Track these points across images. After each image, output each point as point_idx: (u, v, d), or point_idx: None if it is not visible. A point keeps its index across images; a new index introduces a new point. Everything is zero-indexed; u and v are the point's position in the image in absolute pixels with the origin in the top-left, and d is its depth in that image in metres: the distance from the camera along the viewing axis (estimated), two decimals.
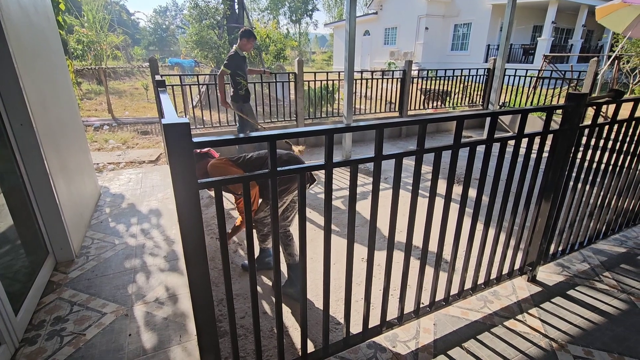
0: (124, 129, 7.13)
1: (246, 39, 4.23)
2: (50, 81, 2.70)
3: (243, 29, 4.33)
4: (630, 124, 2.17)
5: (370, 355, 1.72)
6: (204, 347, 1.25)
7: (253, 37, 4.31)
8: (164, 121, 0.92)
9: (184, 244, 1.06)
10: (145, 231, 2.96)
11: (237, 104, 4.35)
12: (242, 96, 4.32)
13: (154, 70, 4.28)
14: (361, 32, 23.12)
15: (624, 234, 2.85)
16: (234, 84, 4.27)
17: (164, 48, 36.03)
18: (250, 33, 4.28)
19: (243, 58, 4.32)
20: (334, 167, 1.27)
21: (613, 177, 2.30)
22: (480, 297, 2.13)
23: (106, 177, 4.25)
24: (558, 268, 2.42)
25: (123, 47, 21.81)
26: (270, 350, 1.77)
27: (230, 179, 1.13)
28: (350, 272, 1.50)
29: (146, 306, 2.08)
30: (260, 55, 11.57)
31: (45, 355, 1.72)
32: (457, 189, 3.52)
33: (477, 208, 1.75)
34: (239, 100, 4.33)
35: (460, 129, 1.49)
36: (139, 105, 10.17)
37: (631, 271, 2.38)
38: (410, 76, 6.06)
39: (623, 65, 11.05)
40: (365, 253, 1.53)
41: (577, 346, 1.78)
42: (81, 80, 11.74)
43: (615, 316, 1.98)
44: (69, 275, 2.35)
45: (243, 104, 4.36)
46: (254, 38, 4.35)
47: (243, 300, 2.13)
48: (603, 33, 17.01)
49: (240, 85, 4.27)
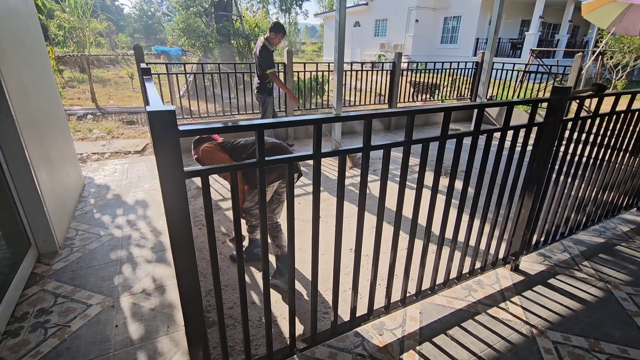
0: (109, 119, 6.96)
1: (274, 34, 4.24)
2: (29, 68, 2.61)
3: (274, 22, 4.32)
4: (611, 118, 2.23)
5: (358, 343, 1.75)
6: (192, 337, 1.25)
7: (282, 33, 4.28)
8: (149, 108, 0.90)
9: (170, 234, 1.05)
10: (131, 222, 2.92)
11: (262, 96, 4.48)
12: (268, 89, 4.44)
13: (140, 58, 4.17)
14: (351, 23, 22.93)
15: (603, 225, 2.95)
16: (262, 76, 4.35)
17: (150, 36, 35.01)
18: (280, 28, 4.26)
19: (271, 52, 4.36)
20: (323, 157, 1.27)
21: (594, 170, 2.37)
22: (465, 286, 2.18)
23: (90, 168, 4.16)
24: (540, 258, 2.49)
25: (107, 34, 21.16)
26: (259, 339, 1.78)
27: (217, 167, 1.11)
28: (339, 262, 1.51)
29: (133, 297, 2.06)
30: (249, 45, 11.39)
31: (29, 347, 1.70)
32: (444, 181, 3.57)
33: (463, 200, 1.78)
34: (265, 92, 4.45)
35: (447, 120, 1.50)
36: (124, 94, 9.93)
37: (609, 260, 2.47)
38: (400, 69, 6.06)
39: (607, 61, 11.30)
40: (353, 244, 1.54)
41: (556, 332, 1.84)
42: (63, 67, 11.36)
43: (593, 303, 2.06)
44: (53, 267, 2.31)
45: (267, 97, 4.48)
46: (283, 33, 4.32)
47: (232, 291, 2.13)
48: (588, 29, 17.33)
49: (268, 78, 4.36)
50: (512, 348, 1.74)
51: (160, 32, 34.14)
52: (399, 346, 1.73)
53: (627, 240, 2.74)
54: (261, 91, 4.43)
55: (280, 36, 4.29)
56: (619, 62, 11.29)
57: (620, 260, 2.48)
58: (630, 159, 2.60)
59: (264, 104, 4.51)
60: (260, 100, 4.53)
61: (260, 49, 4.29)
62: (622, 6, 6.07)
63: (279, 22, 4.36)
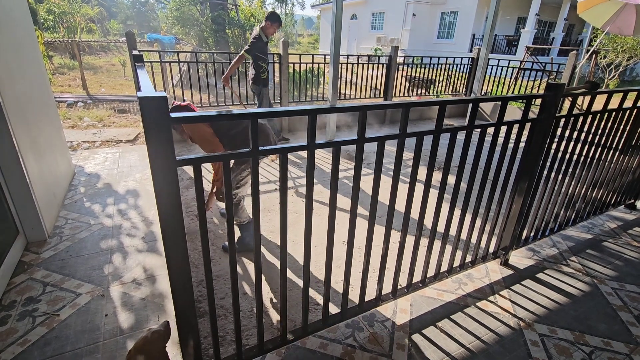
0: (100, 107, 6.83)
1: (270, 23, 4.18)
2: (16, 51, 2.54)
3: (270, 12, 4.27)
4: (603, 115, 2.25)
5: (348, 334, 1.76)
6: (183, 327, 1.24)
7: (278, 23, 4.22)
8: (140, 94, 0.88)
9: (161, 223, 1.04)
10: (122, 212, 2.89)
11: (257, 87, 4.40)
12: (263, 80, 4.36)
13: (132, 45, 4.09)
14: (348, 15, 22.75)
15: (591, 221, 3.00)
16: (256, 67, 4.27)
17: (143, 23, 34.29)
18: (276, 17, 4.21)
19: (265, 42, 4.28)
20: (317, 148, 1.26)
21: (584, 167, 2.40)
22: (456, 279, 2.20)
23: (81, 156, 4.09)
24: (529, 252, 2.53)
25: (98, 20, 20.68)
26: (250, 329, 1.78)
27: (210, 156, 1.10)
28: (331, 254, 1.51)
29: (123, 287, 2.04)
30: (245, 35, 11.22)
31: (17, 335, 1.68)
32: (437, 176, 3.59)
33: (456, 194, 1.79)
34: (259, 83, 4.37)
35: (442, 113, 1.50)
36: (115, 82, 9.75)
37: (596, 256, 2.52)
38: (396, 62, 6.04)
39: (600, 60, 11.40)
40: (345, 236, 1.55)
41: (543, 325, 1.88)
42: (53, 53, 11.09)
43: (579, 297, 2.10)
44: (41, 256, 2.28)
45: (262, 88, 4.40)
46: (279, 24, 4.26)
47: (223, 282, 2.13)
48: (583, 27, 17.41)
49: (262, 69, 4.28)
50: (500, 340, 1.77)
51: (153, 19, 33.48)
52: (389, 337, 1.75)
53: (614, 236, 2.80)
54: (256, 82, 4.39)
55: (276, 26, 4.24)
56: (612, 62, 11.39)
57: (607, 256, 2.53)
58: (620, 157, 2.64)
59: (259, 95, 4.47)
60: (255, 91, 4.49)
61: (252, 37, 4.26)
62: (617, 5, 6.10)
63: (275, 12, 4.33)
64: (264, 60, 4.27)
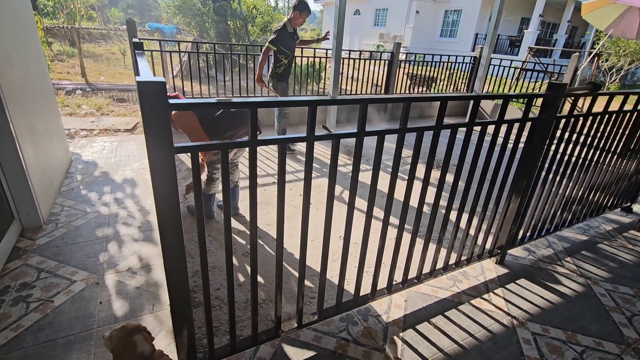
0: (99, 95, 6.78)
1: (298, 12, 3.83)
2: (15, 35, 2.50)
3: (298, 0, 3.88)
4: (603, 117, 2.25)
5: (342, 328, 1.77)
6: (177, 317, 1.24)
7: (307, 12, 3.87)
8: (138, 79, 0.87)
9: (157, 211, 1.03)
10: (119, 200, 2.87)
11: (273, 81, 4.07)
12: (278, 74, 4.01)
13: (132, 33, 4.04)
14: (352, 10, 22.58)
15: (587, 223, 3.01)
16: (275, 60, 3.94)
17: (144, 12, 33.94)
18: (305, 6, 3.85)
19: (291, 34, 3.91)
20: (316, 140, 1.25)
21: (582, 170, 2.40)
22: (451, 276, 2.21)
23: (78, 144, 4.06)
24: (525, 252, 2.54)
25: (99, 7, 20.47)
26: (245, 321, 1.78)
27: (207, 144, 1.09)
28: (327, 248, 1.51)
29: (118, 275, 2.04)
30: (246, 27, 11.14)
31: (10, 320, 1.68)
32: (436, 174, 3.59)
33: (454, 192, 1.79)
34: (275, 77, 4.04)
35: (443, 110, 1.50)
36: (115, 71, 9.67)
37: (590, 257, 2.53)
38: (398, 59, 6.01)
39: (602, 63, 11.38)
40: (342, 231, 1.54)
41: (536, 324, 1.89)
42: (52, 40, 10.96)
43: (573, 298, 2.11)
44: (37, 242, 2.27)
45: (277, 82, 4.06)
46: (308, 12, 3.90)
47: (219, 273, 2.13)
48: (586, 30, 17.38)
49: (280, 62, 3.95)
50: (493, 337, 1.78)
51: (154, 8, 33.13)
52: (383, 332, 1.76)
53: (609, 238, 2.81)
54: (272, 76, 4.07)
55: (305, 15, 3.90)
56: (613, 65, 11.39)
57: (601, 257, 2.54)
58: (619, 161, 2.64)
59: (275, 90, 4.12)
60: (275, 87, 4.09)
61: (276, 29, 3.93)
62: (622, 8, 6.08)
63: (302, 0, 3.91)
64: (284, 53, 3.90)
